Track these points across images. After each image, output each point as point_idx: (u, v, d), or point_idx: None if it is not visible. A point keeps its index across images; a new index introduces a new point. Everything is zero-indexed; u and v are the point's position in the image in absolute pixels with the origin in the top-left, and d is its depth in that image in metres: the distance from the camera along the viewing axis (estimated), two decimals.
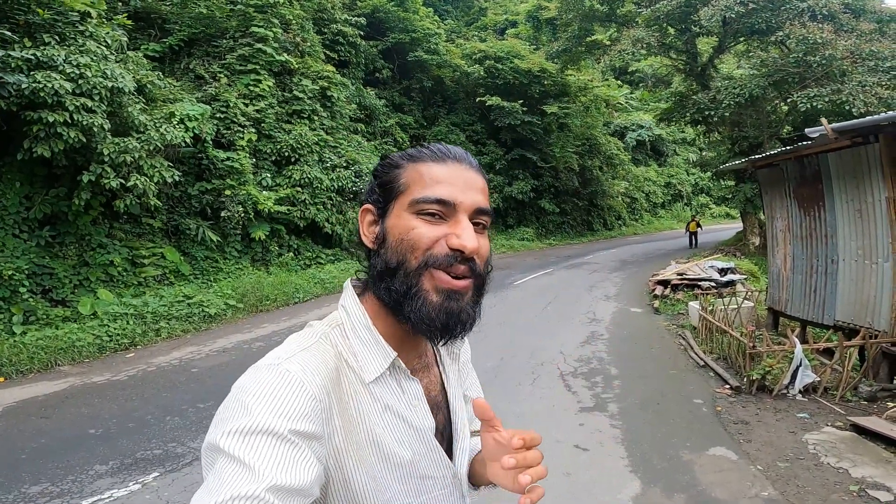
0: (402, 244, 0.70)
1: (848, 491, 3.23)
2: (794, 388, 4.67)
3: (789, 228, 6.08)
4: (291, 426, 0.58)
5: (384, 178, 0.76)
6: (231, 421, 0.57)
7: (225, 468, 0.54)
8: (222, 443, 0.55)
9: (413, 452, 0.72)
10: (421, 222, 0.70)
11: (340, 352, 0.72)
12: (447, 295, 0.70)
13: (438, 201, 0.70)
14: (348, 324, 0.75)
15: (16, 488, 3.44)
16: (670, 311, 8.84)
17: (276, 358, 0.66)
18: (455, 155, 0.75)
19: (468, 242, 0.69)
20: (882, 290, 4.66)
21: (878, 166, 4.59)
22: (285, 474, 0.55)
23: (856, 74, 11.32)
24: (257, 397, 0.59)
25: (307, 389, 0.62)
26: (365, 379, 0.71)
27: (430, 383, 0.81)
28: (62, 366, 6.52)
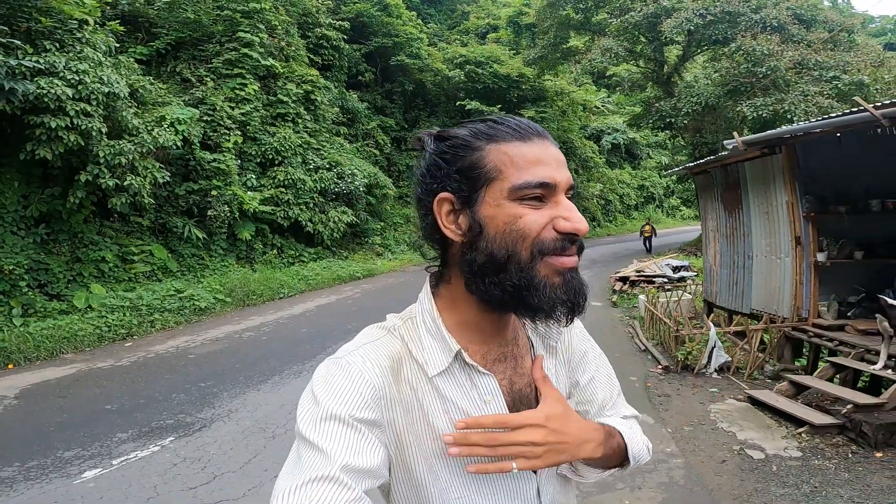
0: (509, 235, 0.67)
1: (731, 449, 4.02)
2: (711, 367, 5.51)
3: (717, 228, 6.97)
4: (354, 413, 0.63)
5: (461, 162, 0.70)
6: (305, 410, 0.65)
7: (303, 453, 0.61)
8: (301, 429, 0.63)
9: None
10: (526, 209, 0.67)
11: (407, 344, 0.73)
12: (567, 275, 0.69)
13: (541, 185, 0.67)
14: (420, 316, 0.75)
15: (52, 454, 4.03)
16: (626, 304, 9.70)
17: (343, 351, 0.71)
18: (537, 130, 0.71)
19: (581, 225, 0.67)
20: (784, 282, 5.52)
21: (781, 174, 5.43)
22: (355, 457, 0.60)
23: (800, 84, 12.32)
24: (324, 389, 0.65)
25: (367, 379, 0.66)
26: (429, 373, 0.71)
27: (517, 375, 0.77)
28: (66, 354, 7.07)
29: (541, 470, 0.76)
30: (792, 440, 4.04)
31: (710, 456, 3.95)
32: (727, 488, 3.48)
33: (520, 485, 0.75)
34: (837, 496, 3.24)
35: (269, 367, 6.06)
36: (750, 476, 3.61)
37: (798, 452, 3.86)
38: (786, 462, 3.73)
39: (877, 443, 3.75)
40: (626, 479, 3.66)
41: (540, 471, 0.76)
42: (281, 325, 8.60)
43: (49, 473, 3.71)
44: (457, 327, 0.73)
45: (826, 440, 3.97)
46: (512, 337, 0.79)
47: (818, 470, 3.59)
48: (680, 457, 3.95)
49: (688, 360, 5.64)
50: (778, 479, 3.52)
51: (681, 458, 3.94)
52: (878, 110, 3.98)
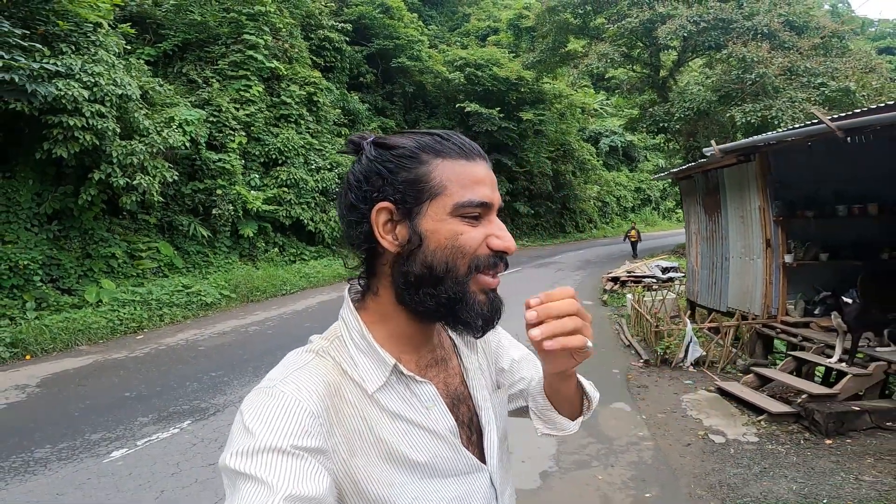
0: (449, 250, 0.69)
1: (696, 434, 4.43)
2: (687, 360, 5.91)
3: (699, 231, 7.37)
4: (294, 442, 0.60)
5: (406, 173, 0.70)
6: (237, 444, 0.60)
7: (242, 486, 0.57)
8: (233, 463, 0.58)
9: (431, 455, 0.71)
10: (466, 226, 0.69)
11: (340, 364, 0.71)
12: (492, 293, 0.72)
13: (482, 204, 0.70)
14: (346, 335, 0.74)
15: (80, 436, 4.40)
16: (616, 303, 10.10)
17: (270, 381, 0.68)
18: (479, 150, 0.74)
19: (511, 243, 0.71)
20: (756, 282, 5.92)
21: (754, 180, 5.83)
22: (299, 485, 0.57)
23: (788, 90, 12.67)
24: (257, 420, 0.61)
25: (304, 407, 0.64)
26: (368, 389, 0.70)
27: (450, 376, 0.79)
28: (81, 346, 7.46)
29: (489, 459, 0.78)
30: (751, 427, 4.44)
31: (677, 440, 4.34)
32: (689, 468, 3.88)
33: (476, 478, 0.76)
34: (783, 476, 3.63)
35: (275, 358, 6.22)
36: (710, 458, 4.01)
37: (755, 438, 4.25)
38: (743, 446, 4.13)
39: (827, 430, 4.14)
40: (601, 458, 4.06)
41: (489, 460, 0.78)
42: (284, 320, 8.99)
43: (80, 454, 4.07)
44: (388, 340, 0.73)
45: (782, 427, 4.37)
46: (438, 341, 0.81)
47: (770, 453, 3.99)
48: (651, 440, 4.35)
49: (666, 355, 6.03)
50: (734, 460, 3.92)
51: (651, 441, 4.34)
52: (834, 122, 4.37)
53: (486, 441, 0.79)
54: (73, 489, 3.55)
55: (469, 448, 0.76)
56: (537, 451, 4.15)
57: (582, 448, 4.23)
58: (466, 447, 0.76)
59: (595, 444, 4.29)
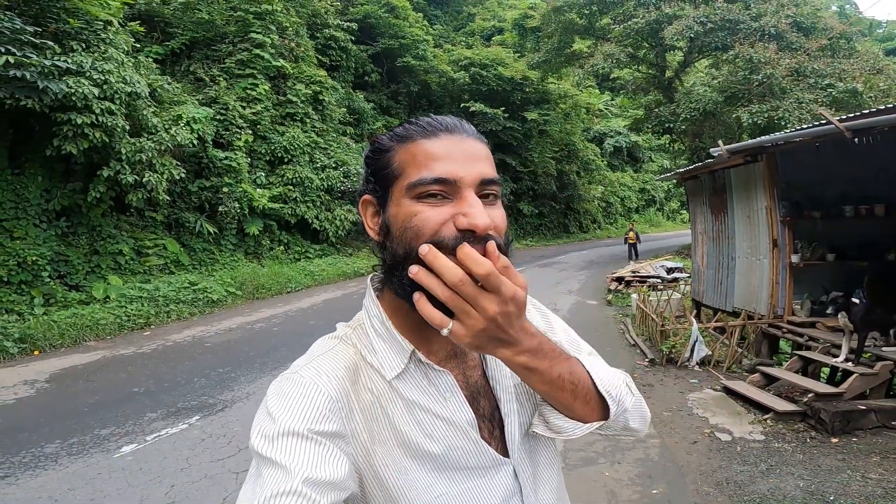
0: (406, 233, 0.66)
1: (702, 432, 4.44)
2: (693, 360, 5.92)
3: (705, 231, 7.37)
4: (312, 427, 0.61)
5: (376, 164, 0.71)
6: (260, 428, 0.62)
7: (262, 470, 0.59)
8: (256, 446, 0.61)
9: (446, 446, 0.70)
10: (424, 206, 0.66)
11: (361, 351, 0.72)
12: None
13: (437, 181, 0.65)
14: (367, 322, 0.75)
15: (89, 431, 4.43)
16: (621, 303, 10.10)
17: (295, 366, 0.70)
18: (446, 125, 0.70)
19: (479, 220, 0.63)
20: (762, 281, 5.92)
21: (761, 180, 5.83)
22: (317, 469, 0.58)
23: (795, 91, 12.64)
24: (278, 405, 0.63)
25: (323, 391, 0.65)
26: (386, 376, 0.70)
27: (469, 368, 0.77)
28: (89, 341, 7.52)
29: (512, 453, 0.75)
30: (757, 425, 4.45)
31: (683, 437, 4.36)
32: (695, 465, 3.90)
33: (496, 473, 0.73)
34: (790, 474, 3.65)
35: (281, 355, 6.49)
36: (716, 455, 4.03)
37: (761, 436, 4.26)
38: (749, 444, 4.14)
39: (833, 429, 4.15)
40: (608, 455, 4.08)
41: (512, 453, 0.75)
42: (290, 317, 9.04)
43: (89, 449, 4.11)
44: (405, 329, 0.72)
45: (788, 426, 4.38)
46: None
47: (776, 451, 4.00)
48: (657, 438, 4.37)
49: (672, 354, 6.05)
50: (740, 458, 3.93)
51: (658, 438, 4.35)
52: (843, 123, 4.37)
53: (508, 433, 0.76)
54: (84, 484, 3.58)
55: (491, 443, 0.74)
56: None
57: (588, 445, 4.25)
58: (488, 441, 0.74)
59: (601, 442, 4.30)
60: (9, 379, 5.81)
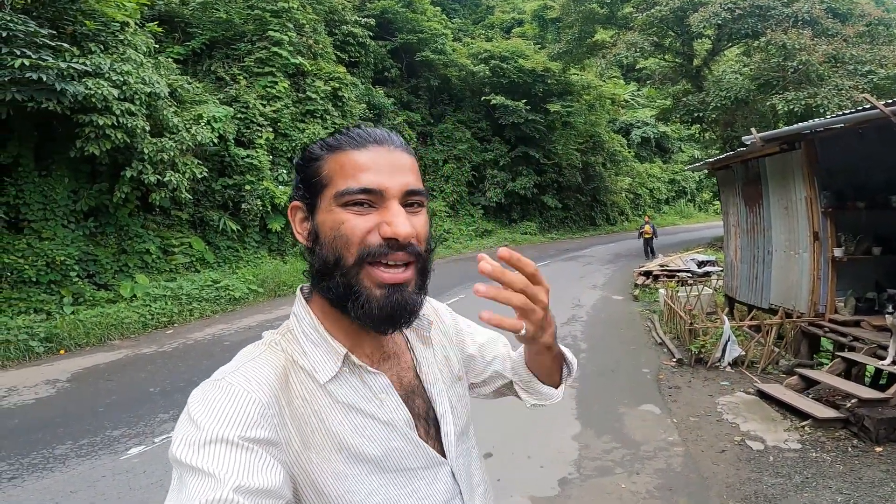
0: (335, 241, 0.69)
1: (732, 440, 4.15)
2: (724, 360, 5.59)
3: (738, 224, 6.97)
4: (242, 433, 0.58)
5: (306, 172, 0.73)
6: (184, 435, 0.59)
7: (188, 480, 0.55)
8: (180, 455, 0.57)
9: (384, 447, 0.70)
10: (351, 214, 0.68)
11: (291, 356, 0.71)
12: (390, 289, 0.68)
13: (364, 191, 0.68)
14: (298, 328, 0.74)
15: (101, 432, 4.44)
16: (647, 299, 9.74)
17: (221, 373, 0.67)
18: (375, 137, 0.72)
19: (401, 229, 0.67)
20: (802, 277, 5.55)
21: (800, 169, 5.45)
22: (249, 477, 0.56)
23: (833, 78, 11.99)
24: (204, 411, 0.60)
25: (252, 398, 0.62)
26: (320, 380, 0.69)
27: (403, 370, 0.79)
28: (114, 340, 7.64)
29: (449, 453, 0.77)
30: (794, 433, 4.14)
31: (710, 445, 4.09)
32: (721, 476, 3.63)
33: (436, 473, 0.74)
34: (827, 487, 3.35)
35: None
36: (745, 466, 3.75)
37: (797, 445, 3.96)
38: (783, 453, 3.85)
39: (878, 437, 3.82)
40: (625, 464, 3.85)
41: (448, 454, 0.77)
42: None
43: (98, 450, 4.10)
44: (337, 332, 0.73)
45: (828, 434, 4.06)
46: (389, 336, 0.78)
47: (814, 462, 3.70)
48: (681, 445, 4.11)
49: (701, 353, 5.73)
50: (772, 469, 3.65)
51: (681, 446, 4.09)
52: (889, 108, 4.00)
53: (444, 434, 0.78)
54: (87, 486, 3.55)
55: (427, 441, 0.75)
56: (557, 455, 3.97)
57: (606, 453, 4.02)
58: (425, 440, 0.75)
59: (620, 450, 4.08)
60: (32, 378, 5.92)
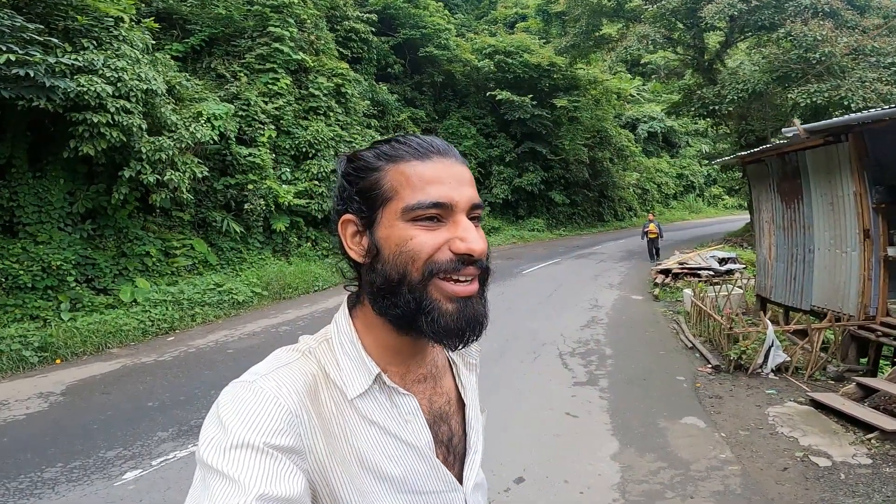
0: (400, 256, 0.66)
1: (793, 456, 3.77)
2: (767, 367, 5.19)
3: (773, 220, 6.56)
4: (268, 440, 0.59)
5: (362, 183, 0.70)
6: (211, 437, 0.59)
7: (211, 482, 0.56)
8: (206, 456, 0.57)
9: (405, 468, 0.70)
10: (419, 230, 0.66)
11: (324, 367, 0.70)
12: (463, 302, 0.67)
13: (435, 205, 0.66)
14: (336, 338, 0.73)
15: (94, 453, 4.04)
16: (669, 298, 9.34)
17: (253, 374, 0.66)
18: (438, 148, 0.70)
19: (475, 245, 0.66)
20: (850, 277, 5.14)
21: (847, 163, 5.04)
22: (271, 485, 0.56)
23: (856, 70, 11.57)
24: (232, 414, 0.60)
25: (281, 405, 0.62)
26: (348, 395, 0.69)
27: (436, 395, 0.78)
28: (112, 348, 7.26)
29: (467, 482, 0.77)
30: (861, 446, 3.75)
31: (769, 463, 3.69)
32: (790, 497, 3.25)
33: (451, 498, 0.74)
34: None
35: None
36: (815, 485, 3.36)
37: (868, 459, 3.57)
38: (854, 470, 3.46)
39: None
40: (677, 487, 3.46)
41: (465, 482, 0.77)
42: (316, 318, 8.64)
43: (91, 474, 3.72)
44: (375, 349, 0.72)
45: None
46: (431, 358, 0.79)
47: (890, 479, 3.31)
48: (736, 464, 3.71)
49: (741, 360, 5.32)
50: (847, 487, 3.26)
51: (737, 465, 3.70)
52: None
53: (468, 463, 0.78)
54: None
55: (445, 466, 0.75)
56: (597, 479, 3.58)
57: (652, 475, 3.63)
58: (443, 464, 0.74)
59: (667, 470, 3.68)
60: (25, 391, 5.52)
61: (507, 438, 3.95)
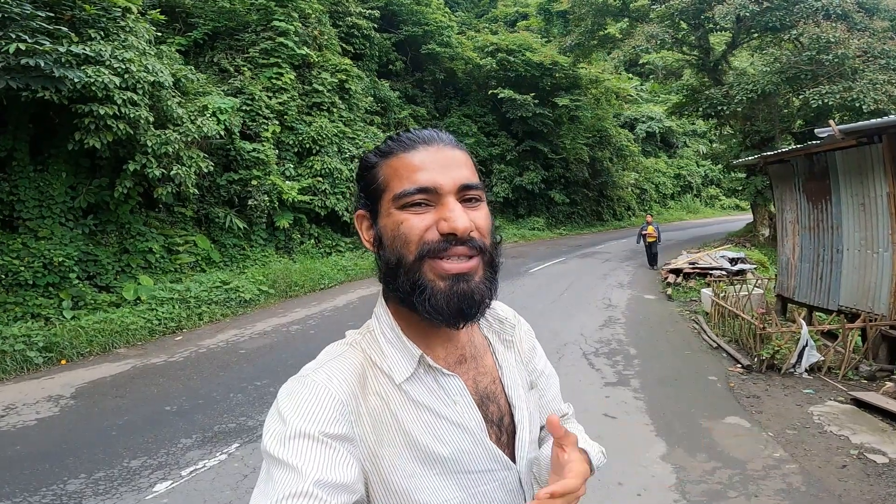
0: (395, 241, 0.71)
1: (848, 454, 3.68)
2: (801, 366, 5.11)
3: (798, 220, 6.48)
4: (323, 429, 0.63)
5: (365, 180, 0.77)
6: (272, 429, 0.64)
7: (273, 472, 0.60)
8: (268, 448, 0.62)
9: (454, 449, 0.71)
10: (409, 215, 0.70)
11: (370, 356, 0.74)
12: (454, 279, 0.70)
13: (420, 190, 0.70)
14: (378, 328, 0.77)
15: (118, 463, 3.78)
16: (683, 297, 9.26)
17: (306, 369, 0.71)
18: (424, 138, 0.74)
19: (458, 223, 0.68)
20: (882, 278, 5.07)
21: (881, 164, 4.98)
22: (328, 472, 0.60)
23: (867, 72, 11.60)
24: (290, 407, 0.65)
25: (333, 395, 0.66)
26: (396, 380, 0.72)
27: (480, 374, 0.79)
28: (119, 348, 7.01)
29: (520, 460, 0.78)
30: None
31: (826, 461, 3.60)
32: (856, 493, 3.17)
33: (503, 477, 0.75)
34: None
35: None
36: (879, 481, 3.29)
37: None
38: None
39: None
40: (737, 486, 3.35)
41: (519, 461, 0.78)
42: (326, 317, 8.45)
43: (118, 486, 3.49)
44: (414, 334, 0.75)
45: None
46: (467, 339, 0.81)
47: None
48: (792, 462, 3.62)
49: (774, 359, 5.23)
50: None
51: (793, 463, 3.60)
52: None
53: (518, 440, 0.79)
54: None
55: (497, 446, 0.76)
56: (652, 480, 3.46)
57: (708, 475, 3.51)
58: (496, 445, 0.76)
59: (723, 470, 3.57)
60: (32, 394, 5.28)
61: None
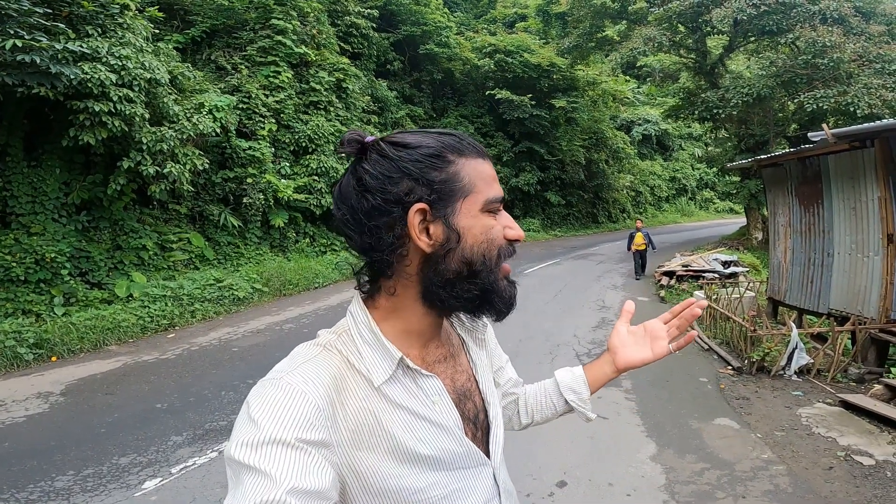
0: (485, 243, 0.72)
1: (835, 456, 3.71)
2: (791, 369, 5.14)
3: (790, 224, 6.53)
4: (298, 435, 0.60)
5: (437, 174, 0.71)
6: (243, 435, 0.60)
7: (245, 479, 0.57)
8: (238, 455, 0.59)
9: (435, 448, 0.72)
10: (494, 220, 0.74)
11: (347, 357, 0.72)
12: (510, 280, 0.77)
13: (501, 199, 0.75)
14: (354, 329, 0.75)
15: (107, 460, 3.75)
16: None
17: (277, 372, 0.68)
18: (484, 151, 0.78)
19: (521, 232, 0.77)
20: (872, 281, 5.12)
21: (873, 168, 5.02)
22: (302, 478, 0.58)
23: (862, 77, 11.68)
24: (262, 411, 0.62)
25: (309, 399, 0.64)
26: (374, 382, 0.71)
27: (457, 373, 0.81)
28: (110, 345, 6.98)
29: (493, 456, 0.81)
30: None
31: (813, 462, 3.63)
32: (842, 495, 3.20)
33: (480, 473, 0.78)
34: None
35: None
36: (865, 482, 3.32)
37: None
38: None
39: None
40: (725, 487, 3.38)
41: (492, 456, 0.81)
42: (320, 316, 8.45)
43: (107, 483, 3.48)
44: (396, 336, 0.75)
45: None
46: (446, 338, 0.82)
47: None
48: (780, 463, 3.64)
49: (764, 362, 5.27)
50: None
51: (781, 464, 3.63)
52: None
53: (493, 437, 0.82)
54: None
55: (474, 443, 0.78)
56: (642, 481, 3.48)
57: (697, 476, 3.54)
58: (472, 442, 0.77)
59: (712, 471, 3.59)
60: (22, 391, 5.25)
61: (541, 441, 3.83)
